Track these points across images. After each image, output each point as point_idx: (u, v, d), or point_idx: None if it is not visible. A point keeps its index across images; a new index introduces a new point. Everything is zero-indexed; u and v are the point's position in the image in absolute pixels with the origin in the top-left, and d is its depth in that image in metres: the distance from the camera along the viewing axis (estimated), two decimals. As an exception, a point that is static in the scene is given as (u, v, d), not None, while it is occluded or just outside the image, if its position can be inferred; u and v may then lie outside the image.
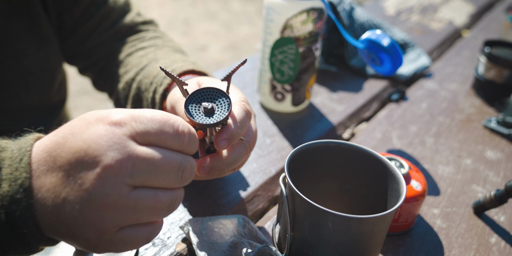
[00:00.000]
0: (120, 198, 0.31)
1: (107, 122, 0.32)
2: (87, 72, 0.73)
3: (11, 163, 0.32)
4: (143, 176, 0.31)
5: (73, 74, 0.93)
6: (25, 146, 0.33)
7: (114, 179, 0.31)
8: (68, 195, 0.31)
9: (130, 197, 0.31)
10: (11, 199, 0.31)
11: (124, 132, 0.32)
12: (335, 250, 0.41)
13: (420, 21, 1.26)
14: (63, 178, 0.31)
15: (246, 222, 0.50)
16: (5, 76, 0.62)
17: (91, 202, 0.31)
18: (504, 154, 0.71)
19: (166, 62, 0.60)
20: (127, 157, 0.31)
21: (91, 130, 0.32)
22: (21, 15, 0.60)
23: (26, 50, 0.62)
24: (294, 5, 0.65)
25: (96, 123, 0.32)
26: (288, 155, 0.44)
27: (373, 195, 0.48)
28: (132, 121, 0.32)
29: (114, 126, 0.32)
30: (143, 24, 0.72)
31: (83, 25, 0.67)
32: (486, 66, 0.85)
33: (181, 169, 0.33)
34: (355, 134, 0.75)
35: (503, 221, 0.57)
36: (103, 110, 0.34)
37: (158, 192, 0.33)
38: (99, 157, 0.31)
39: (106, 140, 0.31)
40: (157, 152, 0.32)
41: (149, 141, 0.33)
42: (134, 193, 0.31)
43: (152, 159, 0.32)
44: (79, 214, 0.31)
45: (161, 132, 0.33)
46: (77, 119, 0.34)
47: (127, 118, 0.32)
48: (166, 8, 3.71)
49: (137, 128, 0.32)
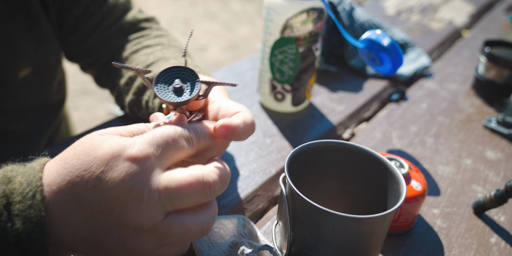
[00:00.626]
0: (154, 226, 0.33)
1: (128, 158, 0.32)
2: (89, 69, 0.73)
3: (22, 199, 0.32)
4: (170, 203, 0.33)
5: (73, 73, 0.92)
6: (34, 180, 0.33)
7: (146, 210, 0.32)
8: (104, 227, 0.33)
9: (162, 225, 0.33)
10: (27, 237, 0.31)
11: (149, 165, 0.33)
12: (335, 250, 0.41)
13: (420, 21, 1.26)
14: (94, 213, 0.32)
15: (246, 222, 0.50)
16: (4, 76, 0.61)
17: (129, 229, 0.33)
18: (504, 154, 0.71)
19: (177, 63, 0.60)
20: (153, 189, 0.32)
21: (114, 169, 0.32)
22: (19, 14, 0.60)
23: (25, 49, 0.62)
24: (294, 5, 0.65)
25: (116, 161, 0.32)
26: (288, 155, 0.44)
27: (373, 195, 0.48)
28: (152, 149, 0.33)
29: (137, 162, 0.32)
30: (145, 21, 0.72)
31: (84, 23, 0.67)
32: (486, 66, 0.85)
33: (207, 186, 0.34)
34: (355, 134, 0.75)
35: (503, 221, 0.57)
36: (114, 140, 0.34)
37: (186, 220, 0.34)
38: (130, 193, 0.32)
39: (133, 177, 0.32)
40: (176, 177, 0.33)
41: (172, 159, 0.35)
42: (165, 222, 0.33)
43: (173, 185, 0.33)
44: (119, 240, 0.33)
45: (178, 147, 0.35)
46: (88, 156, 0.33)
47: (146, 149, 0.33)
48: (166, 8, 3.71)
49: (158, 154, 0.33)
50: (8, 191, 0.32)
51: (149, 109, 0.58)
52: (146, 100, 0.58)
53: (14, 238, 0.31)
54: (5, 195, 0.32)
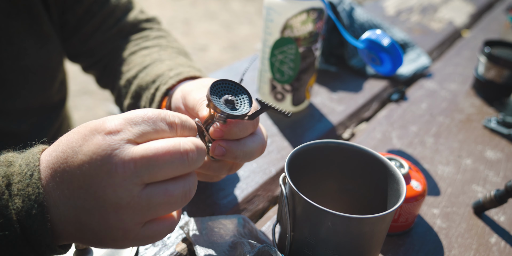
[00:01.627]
0: (133, 199, 0.32)
1: (104, 132, 0.33)
2: (91, 70, 0.73)
3: (22, 179, 0.33)
4: (148, 172, 0.32)
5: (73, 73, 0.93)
6: (32, 161, 0.34)
7: (122, 182, 0.32)
8: (85, 204, 0.32)
9: (142, 197, 0.32)
10: (26, 215, 0.32)
11: (122, 138, 0.33)
12: (335, 250, 0.41)
13: (420, 21, 1.26)
14: (75, 190, 0.32)
15: (246, 222, 0.50)
16: (6, 76, 0.61)
17: (107, 206, 0.32)
18: (504, 154, 0.71)
19: (171, 64, 0.60)
20: (128, 160, 0.32)
21: (88, 142, 0.33)
22: (21, 14, 0.60)
23: (27, 49, 0.62)
24: (294, 5, 0.65)
25: (92, 135, 0.33)
26: (288, 155, 0.44)
27: (373, 195, 0.48)
28: (127, 125, 0.33)
29: (111, 135, 0.33)
30: (147, 22, 0.72)
31: (86, 24, 0.67)
32: (486, 66, 0.85)
33: (184, 153, 0.33)
34: (355, 134, 0.75)
35: (503, 221, 0.57)
36: (97, 120, 0.34)
37: (168, 187, 0.33)
38: (103, 166, 0.32)
39: (105, 148, 0.32)
40: (153, 145, 0.33)
41: (149, 139, 0.34)
42: (145, 192, 0.32)
43: (150, 153, 0.32)
44: (101, 219, 0.32)
45: (157, 128, 0.34)
46: (73, 133, 0.34)
47: (122, 124, 0.33)
48: (166, 8, 3.71)
49: (134, 130, 0.33)
50: (9, 173, 0.33)
51: None
52: (143, 105, 0.58)
53: (16, 216, 0.32)
54: (6, 176, 0.33)
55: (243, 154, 0.43)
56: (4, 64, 0.60)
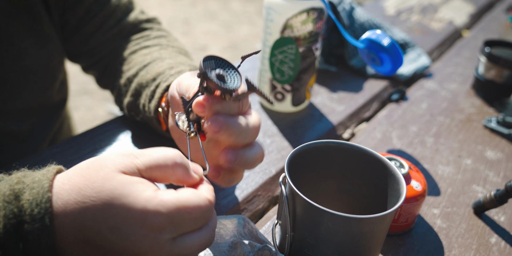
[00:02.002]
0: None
1: (147, 227, 0.32)
2: (91, 70, 0.73)
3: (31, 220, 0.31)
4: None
5: (73, 74, 0.93)
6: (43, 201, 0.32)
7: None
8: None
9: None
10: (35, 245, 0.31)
11: (163, 237, 0.33)
12: (335, 250, 0.41)
13: (420, 21, 1.26)
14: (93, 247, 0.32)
15: (246, 222, 0.50)
16: (6, 76, 0.61)
17: None
18: (504, 154, 0.71)
19: (172, 63, 0.59)
20: (166, 253, 0.33)
21: (129, 233, 0.32)
22: (21, 14, 0.60)
23: (27, 49, 0.62)
24: (294, 5, 0.65)
25: (133, 225, 0.32)
26: (288, 155, 0.44)
27: (373, 195, 0.48)
28: (170, 224, 0.33)
29: (154, 232, 0.32)
30: (147, 22, 0.72)
31: (87, 24, 0.67)
32: (486, 66, 0.85)
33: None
34: (355, 134, 0.75)
35: (503, 221, 0.57)
36: (139, 196, 0.32)
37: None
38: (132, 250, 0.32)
39: (145, 245, 0.32)
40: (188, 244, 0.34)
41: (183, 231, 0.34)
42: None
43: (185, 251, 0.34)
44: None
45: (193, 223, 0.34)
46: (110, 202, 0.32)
47: (166, 223, 0.32)
48: (166, 8, 3.71)
49: (174, 229, 0.33)
50: (17, 211, 0.31)
51: (145, 113, 0.58)
52: (142, 103, 0.58)
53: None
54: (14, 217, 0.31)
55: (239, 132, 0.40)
56: (5, 64, 0.60)
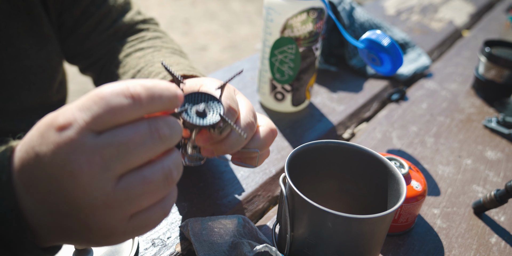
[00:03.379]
0: (108, 197, 0.29)
1: (56, 128, 0.29)
2: (88, 72, 0.73)
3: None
4: (120, 161, 0.28)
5: (73, 74, 0.93)
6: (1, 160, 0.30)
7: (91, 181, 0.28)
8: (60, 209, 0.29)
9: (117, 192, 0.29)
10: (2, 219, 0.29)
11: (76, 131, 0.28)
12: (335, 250, 0.41)
13: (420, 21, 1.26)
14: (45, 195, 0.29)
15: (246, 222, 0.50)
16: (6, 76, 0.62)
17: (83, 209, 0.29)
18: (504, 154, 0.71)
19: (160, 67, 0.60)
20: (91, 154, 0.28)
21: (46, 140, 0.29)
22: (21, 15, 0.60)
23: (27, 50, 0.62)
24: (294, 5, 0.65)
25: (48, 131, 0.29)
26: (288, 155, 0.44)
27: (373, 195, 0.48)
28: (77, 114, 0.28)
29: (65, 130, 0.28)
30: (143, 23, 0.72)
31: (83, 25, 0.67)
32: (486, 66, 0.85)
33: (154, 130, 0.29)
34: (355, 134, 0.75)
35: (503, 221, 0.57)
36: (52, 113, 0.30)
37: (145, 173, 0.30)
38: (65, 167, 0.28)
39: (62, 147, 0.28)
40: (117, 131, 0.29)
41: (107, 123, 0.29)
42: (120, 186, 0.29)
43: (116, 140, 0.28)
44: (80, 222, 0.30)
45: (112, 108, 0.28)
46: (33, 129, 0.31)
47: (72, 114, 0.29)
48: (166, 8, 3.71)
49: (86, 118, 0.28)
50: None
51: None
52: None
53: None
54: None
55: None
56: (4, 64, 0.60)
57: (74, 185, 0.28)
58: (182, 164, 0.32)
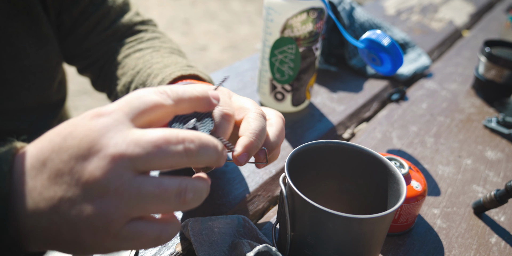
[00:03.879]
0: (122, 185, 0.29)
1: (94, 115, 0.31)
2: (86, 72, 0.73)
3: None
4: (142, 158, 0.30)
5: (73, 74, 0.93)
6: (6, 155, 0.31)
7: (113, 165, 0.29)
8: (68, 192, 0.29)
9: (132, 184, 0.29)
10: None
11: (114, 119, 0.30)
12: (335, 250, 0.41)
13: (420, 21, 1.26)
14: (57, 178, 0.30)
15: (246, 222, 0.50)
16: (5, 76, 0.62)
17: (93, 192, 0.29)
18: (504, 154, 0.71)
19: (159, 68, 0.60)
20: (120, 141, 0.29)
21: (79, 127, 0.30)
22: (21, 15, 0.60)
23: (26, 49, 0.62)
24: (294, 5, 0.65)
25: (83, 119, 0.31)
26: (288, 155, 0.44)
27: (373, 195, 0.48)
28: (122, 105, 0.31)
29: (102, 117, 0.30)
30: (142, 24, 0.72)
31: (81, 25, 0.67)
32: (486, 66, 0.85)
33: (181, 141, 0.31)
34: (355, 134, 0.75)
35: (503, 221, 0.57)
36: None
37: (163, 180, 0.30)
38: (93, 148, 0.29)
39: (95, 130, 0.30)
40: (153, 132, 0.30)
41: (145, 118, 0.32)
42: (136, 180, 0.30)
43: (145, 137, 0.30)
44: (83, 207, 0.29)
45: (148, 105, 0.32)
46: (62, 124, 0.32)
47: (112, 106, 0.31)
48: (166, 8, 3.71)
49: (128, 109, 0.31)
50: None
51: None
52: None
53: None
54: None
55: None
56: (4, 64, 0.60)
57: (96, 165, 0.29)
58: (203, 194, 0.33)
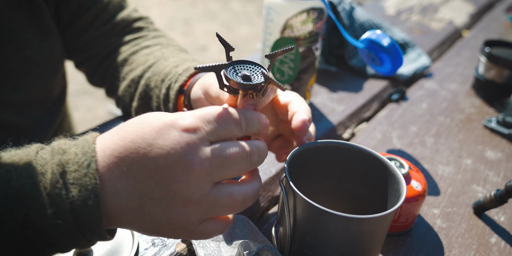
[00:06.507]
0: (202, 196, 0.34)
1: (180, 129, 0.34)
2: (84, 66, 0.73)
3: (78, 168, 0.33)
4: (220, 171, 0.34)
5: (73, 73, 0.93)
6: (89, 151, 0.34)
7: (196, 179, 0.33)
8: (153, 195, 0.33)
9: (210, 195, 0.34)
10: (82, 204, 0.32)
11: (199, 137, 0.34)
12: (335, 250, 0.41)
13: (420, 21, 1.26)
14: (143, 181, 0.33)
15: (246, 222, 0.50)
16: (10, 67, 0.62)
17: (177, 200, 0.34)
18: (504, 154, 0.71)
19: (177, 60, 0.60)
20: (204, 159, 0.33)
21: (165, 136, 0.34)
22: (23, 7, 0.60)
23: (30, 40, 0.62)
24: (294, 5, 0.65)
25: (168, 130, 0.34)
26: (288, 155, 0.44)
27: (373, 195, 0.48)
28: (202, 123, 0.35)
29: (188, 132, 0.34)
30: (140, 20, 0.73)
31: (80, 18, 0.67)
32: (486, 66, 0.85)
33: (249, 155, 0.36)
34: (355, 134, 0.75)
35: (503, 221, 0.57)
36: (167, 114, 0.36)
37: (233, 191, 0.35)
38: (181, 162, 0.33)
39: (184, 146, 0.33)
40: (226, 147, 0.35)
41: (219, 137, 0.36)
42: (213, 191, 0.34)
43: (224, 154, 0.34)
44: (166, 210, 0.34)
45: (226, 131, 0.36)
46: (142, 124, 0.35)
47: (197, 122, 0.35)
48: (166, 8, 3.71)
49: (208, 129, 0.35)
50: (64, 161, 0.33)
51: None
52: (156, 106, 0.59)
53: (69, 205, 0.32)
54: (60, 164, 0.33)
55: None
56: (7, 54, 0.61)
57: (182, 179, 0.33)
58: (257, 196, 0.39)
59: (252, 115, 0.38)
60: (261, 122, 0.39)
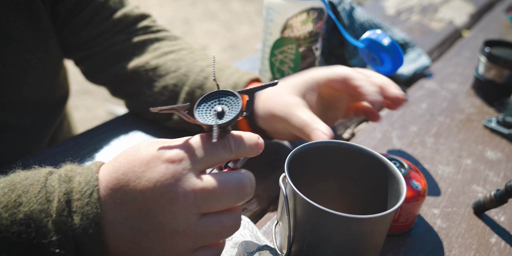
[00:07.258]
0: (190, 227, 0.34)
1: (166, 160, 0.34)
2: (84, 64, 0.72)
3: (81, 197, 0.34)
4: (207, 203, 0.34)
5: (73, 73, 0.92)
6: (92, 180, 0.35)
7: (182, 211, 0.34)
8: (142, 226, 0.34)
9: (198, 226, 0.34)
10: (83, 232, 0.33)
11: (184, 167, 0.34)
12: (335, 250, 0.41)
13: (420, 21, 1.26)
14: (134, 212, 0.34)
15: (246, 222, 0.50)
16: (6, 70, 0.62)
17: (164, 231, 0.34)
18: (504, 154, 0.71)
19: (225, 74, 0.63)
20: (189, 190, 0.34)
21: (152, 169, 0.34)
22: (21, 9, 0.60)
23: (26, 43, 0.62)
24: (294, 5, 0.65)
25: (155, 162, 0.34)
26: (288, 155, 0.44)
27: (373, 195, 0.48)
28: (188, 153, 0.35)
29: (174, 163, 0.34)
30: (145, 19, 0.72)
31: (77, 15, 0.67)
32: (486, 66, 0.85)
33: (240, 188, 0.36)
34: (355, 134, 0.75)
35: (503, 221, 0.57)
36: (157, 144, 0.36)
37: (223, 218, 0.36)
38: (166, 194, 0.33)
39: (169, 178, 0.34)
40: (214, 179, 0.35)
41: (208, 163, 0.36)
42: (201, 222, 0.34)
43: (210, 186, 0.34)
44: (155, 242, 0.34)
45: (214, 156, 0.36)
46: (132, 155, 0.35)
47: (182, 152, 0.35)
48: (166, 8, 3.71)
49: (194, 158, 0.35)
50: (69, 190, 0.34)
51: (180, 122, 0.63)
52: None
53: (72, 232, 0.33)
54: (67, 193, 0.34)
55: None
56: (5, 58, 0.61)
57: (167, 210, 0.33)
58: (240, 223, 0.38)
59: (241, 137, 0.38)
60: (253, 140, 0.38)
